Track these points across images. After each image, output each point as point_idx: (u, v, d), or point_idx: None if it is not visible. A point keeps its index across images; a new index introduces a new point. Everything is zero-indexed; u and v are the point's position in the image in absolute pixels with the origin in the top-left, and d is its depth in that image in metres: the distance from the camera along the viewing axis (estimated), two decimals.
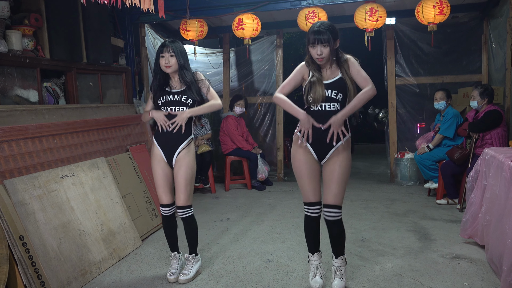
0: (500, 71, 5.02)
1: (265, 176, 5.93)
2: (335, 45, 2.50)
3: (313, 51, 2.49)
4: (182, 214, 2.92)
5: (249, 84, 6.89)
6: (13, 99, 3.42)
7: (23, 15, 3.53)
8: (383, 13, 4.85)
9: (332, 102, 2.52)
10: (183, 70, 2.85)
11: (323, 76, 2.56)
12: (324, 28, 2.46)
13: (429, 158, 4.98)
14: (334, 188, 2.57)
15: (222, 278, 2.98)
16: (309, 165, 2.61)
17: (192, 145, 2.94)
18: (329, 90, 2.52)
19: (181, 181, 2.86)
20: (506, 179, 2.61)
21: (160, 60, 2.82)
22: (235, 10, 5.18)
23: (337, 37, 2.51)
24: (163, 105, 2.86)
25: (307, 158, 2.61)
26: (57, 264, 2.80)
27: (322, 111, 2.54)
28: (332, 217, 2.60)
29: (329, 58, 2.52)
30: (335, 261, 2.73)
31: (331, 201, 2.58)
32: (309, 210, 2.67)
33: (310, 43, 2.50)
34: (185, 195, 2.88)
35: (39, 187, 2.95)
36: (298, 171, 2.65)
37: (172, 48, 2.80)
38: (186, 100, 2.84)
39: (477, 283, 2.74)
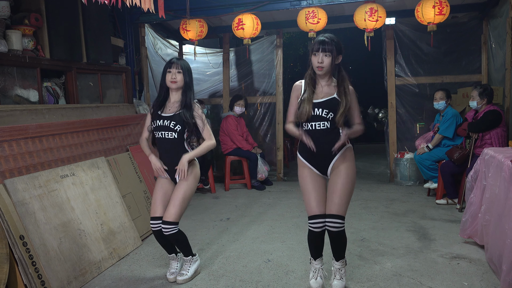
0: (500, 71, 5.02)
1: (265, 176, 5.94)
2: (337, 60, 2.54)
3: (315, 59, 2.51)
4: (168, 231, 2.81)
5: (249, 84, 6.89)
6: (13, 99, 3.43)
7: (23, 15, 3.53)
8: (383, 13, 4.85)
9: (322, 121, 2.53)
10: (187, 89, 2.87)
11: (317, 92, 2.58)
12: (329, 39, 2.50)
13: (428, 158, 4.98)
14: (336, 199, 2.56)
15: (222, 278, 2.98)
16: (313, 178, 2.63)
17: (195, 166, 2.93)
18: (320, 108, 2.52)
19: (177, 195, 2.83)
20: (506, 179, 2.62)
21: (167, 75, 2.84)
22: (235, 10, 5.18)
23: (341, 52, 2.54)
24: (155, 129, 2.88)
25: (311, 173, 2.65)
26: (57, 263, 2.80)
27: (313, 130, 2.55)
28: (335, 228, 2.56)
29: (329, 69, 2.53)
30: (336, 263, 2.74)
31: (334, 211, 2.55)
32: (312, 225, 2.60)
33: (313, 51, 2.52)
34: (176, 210, 2.81)
35: (39, 187, 2.95)
36: (303, 185, 2.66)
37: (181, 65, 2.83)
38: (174, 127, 2.82)
39: (477, 283, 2.75)
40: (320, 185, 2.63)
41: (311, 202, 2.60)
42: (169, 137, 2.84)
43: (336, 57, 2.52)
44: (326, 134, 2.53)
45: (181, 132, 2.84)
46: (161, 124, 2.85)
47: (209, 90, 7.07)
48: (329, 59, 2.49)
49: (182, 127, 2.83)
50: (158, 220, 2.87)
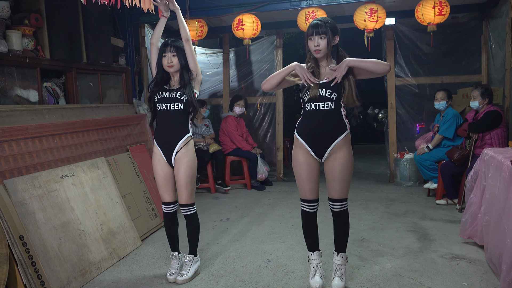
0: (500, 71, 5.02)
1: (265, 176, 5.94)
2: (334, 41, 2.54)
3: (311, 43, 2.54)
4: (185, 212, 2.94)
5: (248, 84, 6.89)
6: (13, 99, 3.43)
7: (23, 15, 3.53)
8: (383, 14, 4.85)
9: (326, 101, 2.53)
10: (184, 70, 2.88)
11: (321, 73, 2.59)
12: (322, 22, 2.52)
13: (428, 159, 4.98)
14: (336, 185, 2.60)
15: (222, 278, 2.98)
16: (308, 165, 2.63)
17: (190, 144, 2.92)
18: (323, 89, 2.53)
19: (181, 181, 2.87)
20: (505, 179, 2.62)
21: (163, 60, 2.84)
22: (235, 10, 5.18)
23: (336, 33, 2.55)
24: (159, 101, 2.87)
25: (306, 159, 2.63)
26: (57, 264, 2.80)
27: (316, 110, 2.56)
28: (338, 208, 2.66)
29: (326, 51, 2.54)
30: (336, 258, 2.73)
31: (336, 196, 2.63)
32: (305, 205, 2.71)
33: (308, 35, 2.55)
34: (186, 194, 2.89)
35: (39, 187, 2.95)
36: (297, 171, 2.68)
37: (175, 48, 2.83)
38: (181, 97, 2.84)
39: (476, 283, 2.75)
40: (314, 172, 2.64)
41: (305, 191, 2.66)
42: (174, 109, 2.84)
43: (332, 38, 2.52)
44: (329, 114, 2.54)
45: (187, 103, 2.84)
46: (167, 95, 2.85)
47: (209, 91, 7.08)
48: (325, 41, 2.51)
49: (187, 97, 2.83)
50: (169, 205, 2.98)
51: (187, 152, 2.88)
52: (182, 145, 2.87)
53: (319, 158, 2.64)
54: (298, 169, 2.66)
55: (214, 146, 5.72)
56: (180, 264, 3.06)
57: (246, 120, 6.53)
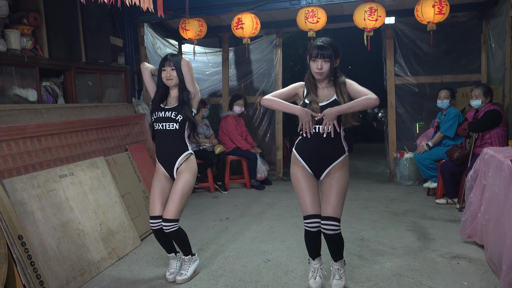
0: (500, 70, 5.02)
1: (264, 176, 5.93)
2: (335, 63, 2.54)
3: (314, 65, 2.51)
4: (168, 229, 2.81)
5: (248, 83, 6.88)
6: (12, 98, 3.42)
7: (22, 14, 3.52)
8: (382, 13, 4.84)
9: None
10: (182, 85, 2.89)
11: (319, 95, 2.58)
12: (328, 44, 2.49)
13: (428, 157, 4.98)
14: (333, 201, 2.53)
15: (221, 278, 2.98)
16: (307, 178, 2.62)
17: (191, 161, 2.91)
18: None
19: (175, 192, 2.82)
20: (505, 178, 2.61)
21: (162, 73, 2.88)
22: (234, 9, 5.17)
23: (338, 56, 2.55)
24: (156, 121, 2.89)
25: (304, 173, 2.62)
26: (56, 263, 2.79)
27: (316, 133, 2.54)
28: (331, 230, 2.53)
29: (328, 74, 2.55)
30: (334, 264, 2.72)
31: (330, 213, 2.53)
32: (308, 225, 2.60)
33: (312, 56, 2.51)
34: (175, 207, 2.80)
35: (38, 187, 2.94)
36: (297, 185, 2.65)
37: (174, 62, 2.85)
38: (176, 117, 2.85)
39: (476, 283, 2.74)
40: (313, 185, 2.62)
41: (306, 203, 2.59)
42: (170, 129, 2.85)
43: (334, 61, 2.52)
44: (328, 137, 2.52)
45: (183, 123, 2.86)
46: (162, 115, 2.87)
47: (209, 90, 7.07)
48: (328, 65, 2.49)
49: (183, 118, 2.85)
50: (158, 220, 2.87)
51: (189, 168, 2.88)
52: (182, 161, 2.88)
53: (317, 177, 2.65)
54: (298, 183, 2.63)
55: (219, 147, 5.71)
56: (179, 264, 3.05)
57: (245, 120, 6.52)
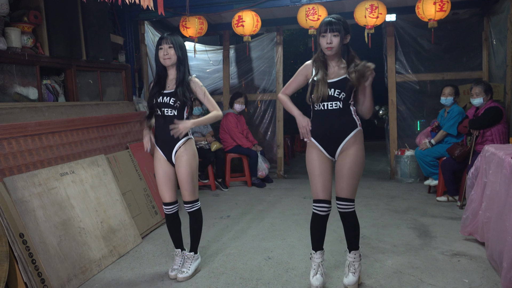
0: (501, 68, 5.01)
1: (265, 174, 5.93)
2: (346, 39, 2.55)
3: (323, 40, 2.52)
4: (188, 208, 2.94)
5: (249, 81, 6.88)
6: (13, 96, 3.42)
7: (22, 12, 3.52)
8: (383, 10, 4.84)
9: (335, 101, 2.53)
10: (180, 64, 2.81)
11: (329, 73, 2.58)
12: (336, 19, 2.51)
13: (429, 155, 4.97)
14: (344, 182, 2.57)
15: (222, 275, 2.98)
16: (320, 162, 2.62)
17: (190, 143, 2.89)
18: (332, 88, 2.53)
19: (182, 178, 2.86)
20: (506, 176, 2.61)
21: (159, 53, 2.79)
22: (235, 7, 5.17)
23: (348, 32, 2.56)
24: (157, 106, 2.83)
25: (319, 156, 2.63)
26: (57, 261, 2.80)
27: (325, 110, 2.57)
28: (344, 209, 2.61)
29: (338, 49, 2.53)
30: (349, 255, 2.71)
31: (343, 195, 2.59)
32: (317, 208, 2.64)
33: (321, 32, 2.53)
34: (188, 191, 2.89)
35: (39, 185, 2.94)
36: (310, 168, 2.66)
37: (171, 40, 2.77)
38: (174, 103, 2.79)
39: (477, 280, 2.74)
40: (327, 169, 2.62)
41: (317, 188, 2.61)
42: (168, 114, 2.81)
43: (344, 36, 2.52)
44: (338, 113, 2.55)
45: (181, 109, 2.81)
46: (161, 101, 2.81)
47: (209, 88, 7.06)
48: (338, 39, 2.50)
49: (182, 103, 2.79)
50: (170, 206, 2.96)
51: (186, 150, 2.86)
52: (180, 145, 2.86)
53: (332, 156, 2.65)
54: (311, 165, 2.65)
55: (215, 145, 5.72)
56: (183, 261, 3.05)
57: (246, 117, 6.52)
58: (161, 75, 2.88)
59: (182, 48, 2.83)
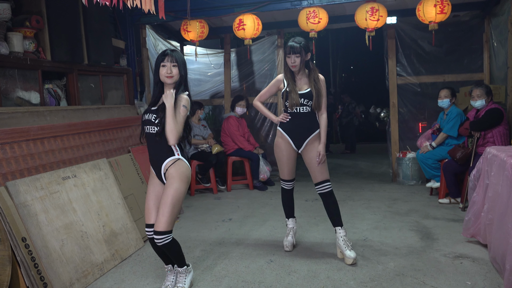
0: (502, 69, 5.00)
1: (267, 176, 5.93)
2: (306, 57, 3.20)
3: (288, 60, 3.18)
4: (160, 241, 2.58)
5: (250, 84, 6.88)
6: (15, 101, 3.43)
7: (24, 17, 3.54)
8: (384, 13, 4.84)
9: (305, 106, 3.22)
10: (180, 84, 2.65)
11: (297, 85, 3.25)
12: (297, 43, 3.14)
13: (431, 157, 4.96)
14: (318, 169, 3.23)
15: (225, 279, 2.98)
16: (287, 152, 3.32)
17: (180, 166, 2.63)
18: (302, 98, 3.21)
19: (165, 203, 2.57)
20: (508, 178, 2.61)
21: (161, 69, 2.61)
22: (236, 10, 5.18)
23: (308, 51, 3.21)
24: (144, 123, 2.67)
25: (286, 148, 3.31)
26: (59, 265, 2.80)
27: (297, 113, 3.25)
28: (323, 189, 3.26)
29: (300, 67, 3.20)
30: (339, 231, 3.23)
31: (319, 179, 3.25)
32: (285, 184, 3.46)
33: (286, 54, 3.19)
34: (165, 219, 2.56)
35: (41, 189, 2.95)
36: (279, 157, 3.37)
37: (176, 58, 2.61)
38: (155, 120, 2.59)
39: (480, 282, 2.74)
40: (292, 158, 3.35)
41: (284, 171, 3.40)
42: (151, 132, 2.62)
43: (305, 55, 3.18)
44: (307, 115, 3.25)
45: (161, 126, 2.56)
46: (146, 118, 2.65)
47: (211, 91, 7.08)
48: (299, 59, 3.15)
49: (161, 121, 2.57)
50: (152, 228, 2.67)
51: (175, 174, 2.61)
52: (168, 165, 2.62)
53: (297, 148, 3.30)
54: (280, 155, 3.35)
55: (217, 147, 5.72)
56: (176, 277, 2.85)
57: (247, 120, 6.52)
58: (156, 91, 2.71)
59: (185, 66, 2.68)
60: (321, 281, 2.87)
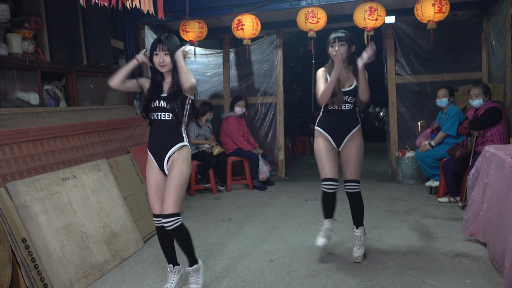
0: (500, 68, 5.01)
1: (266, 176, 5.94)
2: (351, 49, 3.08)
3: (332, 49, 3.05)
4: (170, 225, 2.57)
5: (249, 84, 6.89)
6: (14, 102, 3.43)
7: (23, 18, 3.54)
8: (383, 12, 4.84)
9: (347, 104, 3.11)
10: (175, 70, 2.65)
11: (342, 81, 3.09)
12: (343, 32, 3.07)
13: (430, 156, 4.97)
14: (352, 166, 3.14)
15: (225, 279, 2.99)
16: (327, 148, 3.15)
17: (184, 151, 2.67)
18: (346, 96, 3.08)
19: (169, 184, 2.59)
20: (507, 176, 2.61)
21: (154, 58, 2.64)
22: (235, 10, 5.18)
23: (354, 43, 3.09)
24: (152, 110, 2.67)
25: (326, 144, 3.16)
26: (59, 266, 2.81)
27: (339, 111, 3.12)
28: (352, 189, 3.14)
29: (344, 57, 3.04)
30: (356, 231, 3.18)
31: (350, 177, 3.13)
32: (325, 185, 3.12)
33: (330, 43, 3.07)
34: (172, 200, 2.56)
35: (41, 190, 2.95)
36: (318, 154, 3.17)
37: (168, 46, 2.60)
38: (169, 106, 2.63)
39: (479, 281, 2.74)
40: (333, 154, 3.16)
41: (325, 168, 3.12)
42: (165, 119, 2.64)
43: (350, 46, 3.06)
44: (348, 113, 3.13)
45: (175, 114, 2.62)
46: (157, 105, 2.64)
47: (210, 91, 7.08)
48: (345, 48, 3.03)
49: (179, 107, 2.62)
50: (159, 218, 2.69)
51: (181, 157, 2.65)
52: (175, 150, 2.65)
53: (337, 147, 3.18)
54: (319, 152, 3.16)
55: (218, 148, 5.73)
56: (178, 276, 2.87)
57: (247, 120, 6.53)
58: (157, 78, 2.72)
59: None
60: (321, 280, 2.88)
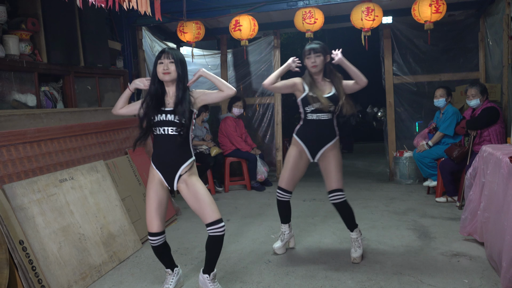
0: (497, 68, 5.03)
1: (264, 177, 5.94)
2: (326, 59, 3.07)
3: (308, 61, 3.05)
4: (213, 232, 2.61)
5: (247, 85, 6.89)
6: (11, 103, 3.43)
7: (20, 20, 3.53)
8: (380, 12, 4.85)
9: (327, 113, 3.07)
10: (180, 82, 2.59)
11: (321, 90, 3.06)
12: (317, 43, 3.08)
13: (428, 156, 4.98)
14: (334, 176, 3.10)
15: (223, 279, 2.98)
16: (297, 159, 3.16)
17: (194, 168, 2.66)
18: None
19: (203, 198, 2.58)
20: (504, 176, 2.62)
21: (158, 67, 2.56)
22: (232, 11, 5.18)
23: (329, 53, 3.06)
24: (156, 125, 2.57)
25: (297, 155, 3.16)
26: (57, 268, 2.80)
27: (317, 120, 3.08)
28: (338, 199, 3.10)
29: (321, 68, 3.06)
30: (352, 234, 3.19)
31: (335, 186, 3.10)
32: (278, 193, 3.27)
33: (305, 55, 3.07)
34: (214, 206, 2.59)
35: (38, 191, 2.95)
36: (286, 160, 3.20)
37: (172, 55, 2.55)
38: (179, 121, 2.54)
39: (477, 280, 2.75)
40: (300, 167, 3.17)
41: (284, 178, 3.20)
42: (172, 133, 2.55)
43: (325, 56, 3.05)
44: (326, 122, 3.09)
45: (184, 126, 2.55)
46: (164, 118, 2.55)
47: None
48: (320, 58, 3.04)
49: (186, 120, 2.54)
50: (157, 237, 2.63)
51: (194, 174, 2.64)
52: (186, 168, 2.60)
53: (312, 157, 3.16)
54: (287, 160, 3.19)
55: (215, 150, 5.72)
56: (175, 279, 2.85)
57: (245, 121, 6.53)
58: (159, 91, 2.62)
59: (183, 65, 2.61)
60: (319, 280, 2.88)
